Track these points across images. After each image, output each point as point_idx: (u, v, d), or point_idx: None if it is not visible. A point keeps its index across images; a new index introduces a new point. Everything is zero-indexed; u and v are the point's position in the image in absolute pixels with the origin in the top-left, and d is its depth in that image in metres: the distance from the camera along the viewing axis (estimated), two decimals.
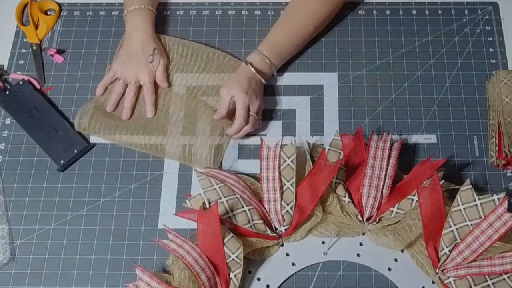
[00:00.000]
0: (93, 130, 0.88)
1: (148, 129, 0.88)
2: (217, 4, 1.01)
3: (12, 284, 0.80)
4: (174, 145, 0.86)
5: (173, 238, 0.76)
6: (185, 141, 0.86)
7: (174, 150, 0.86)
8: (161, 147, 0.86)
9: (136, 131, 0.87)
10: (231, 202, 0.79)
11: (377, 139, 0.84)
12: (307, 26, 0.92)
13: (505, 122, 0.86)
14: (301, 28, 0.92)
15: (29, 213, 0.84)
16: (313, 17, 0.92)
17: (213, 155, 0.85)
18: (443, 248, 0.76)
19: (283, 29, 0.92)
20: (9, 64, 0.96)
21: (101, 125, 0.88)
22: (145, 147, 0.87)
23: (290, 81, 0.94)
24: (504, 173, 0.86)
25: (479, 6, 1.00)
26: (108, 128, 0.88)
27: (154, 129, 0.88)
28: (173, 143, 0.86)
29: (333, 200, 0.80)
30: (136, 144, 0.87)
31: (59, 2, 1.01)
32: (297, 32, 0.92)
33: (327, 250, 0.81)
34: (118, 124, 0.88)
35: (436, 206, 0.77)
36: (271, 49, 0.90)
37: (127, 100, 0.91)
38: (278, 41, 0.91)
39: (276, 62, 0.91)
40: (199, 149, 0.85)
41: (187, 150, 0.85)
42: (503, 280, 0.75)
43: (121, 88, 0.91)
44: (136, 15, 0.93)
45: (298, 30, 0.92)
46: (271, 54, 0.90)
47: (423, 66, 0.95)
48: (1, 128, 0.91)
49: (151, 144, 0.86)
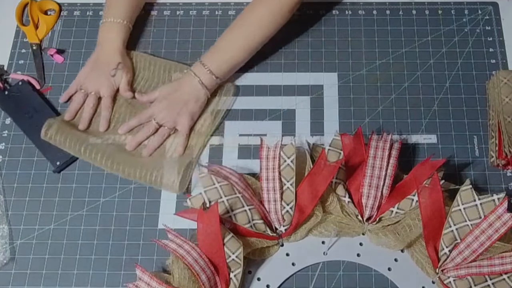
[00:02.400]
0: (59, 140, 0.86)
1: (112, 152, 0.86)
2: (217, 4, 1.01)
3: (12, 284, 0.80)
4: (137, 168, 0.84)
5: (173, 238, 0.76)
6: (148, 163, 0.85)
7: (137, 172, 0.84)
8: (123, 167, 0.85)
9: (97, 150, 0.85)
10: (232, 201, 0.79)
11: (377, 139, 0.84)
12: (255, 37, 0.89)
13: (505, 122, 0.86)
14: (249, 39, 0.89)
15: (29, 213, 0.84)
16: (262, 27, 0.89)
17: (181, 178, 0.84)
18: (443, 248, 0.76)
19: (230, 40, 0.89)
20: (9, 64, 0.96)
21: (66, 137, 0.85)
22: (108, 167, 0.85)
23: (290, 81, 0.94)
24: (504, 173, 0.86)
25: (479, 6, 1.00)
26: (73, 141, 0.85)
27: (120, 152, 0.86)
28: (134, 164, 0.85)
29: (333, 200, 0.80)
30: (97, 162, 0.85)
31: (59, 2, 1.01)
32: (245, 42, 0.89)
33: (327, 250, 0.81)
34: (83, 139, 0.86)
35: (436, 206, 0.77)
36: (216, 61, 0.88)
37: (85, 111, 0.90)
38: (224, 53, 0.88)
39: (220, 75, 0.88)
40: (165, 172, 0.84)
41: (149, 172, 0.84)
42: (503, 280, 0.75)
43: (81, 98, 0.90)
44: (111, 28, 0.92)
45: (246, 40, 0.89)
46: (215, 67, 0.87)
47: (423, 66, 0.95)
48: (1, 128, 0.91)
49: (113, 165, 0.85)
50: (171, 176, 0.83)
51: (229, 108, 0.91)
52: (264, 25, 0.89)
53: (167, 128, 0.87)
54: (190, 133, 0.88)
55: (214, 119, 0.90)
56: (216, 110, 0.90)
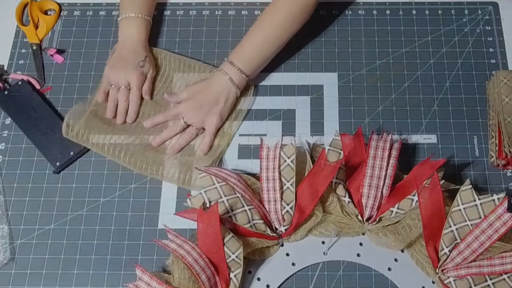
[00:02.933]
0: (81, 138, 0.86)
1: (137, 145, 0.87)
2: (217, 4, 1.01)
3: (12, 284, 0.80)
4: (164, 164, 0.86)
5: (173, 238, 0.76)
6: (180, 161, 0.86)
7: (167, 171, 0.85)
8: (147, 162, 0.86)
9: (121, 148, 0.86)
10: (232, 201, 0.79)
11: (377, 139, 0.84)
12: (281, 35, 0.90)
13: (505, 122, 0.86)
14: (276, 37, 0.90)
15: (29, 213, 0.84)
16: (290, 24, 0.90)
17: (182, 173, 0.85)
18: (443, 248, 0.76)
19: (256, 38, 0.89)
20: (9, 64, 0.96)
21: (89, 134, 0.86)
22: (131, 164, 0.86)
23: (290, 81, 0.94)
24: (504, 173, 0.86)
25: (479, 6, 1.00)
26: (98, 138, 0.86)
27: None
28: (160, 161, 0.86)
29: (333, 200, 0.80)
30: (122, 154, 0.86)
31: (59, 2, 1.01)
32: (272, 41, 0.89)
33: (327, 250, 0.81)
34: (108, 136, 0.87)
35: (436, 206, 0.77)
36: (244, 60, 0.88)
37: (120, 105, 0.90)
38: (251, 51, 0.89)
39: (250, 73, 0.89)
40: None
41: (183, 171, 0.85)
42: (503, 280, 0.75)
43: (114, 94, 0.90)
44: (131, 23, 0.92)
45: (273, 38, 0.89)
46: (244, 66, 0.88)
47: (423, 66, 0.95)
48: (1, 128, 0.91)
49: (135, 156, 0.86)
50: (195, 176, 0.84)
51: (249, 108, 0.92)
52: (286, 27, 0.90)
53: (195, 128, 0.88)
54: (217, 133, 0.89)
55: (236, 119, 0.90)
56: (238, 110, 0.91)
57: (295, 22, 0.90)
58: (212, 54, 0.96)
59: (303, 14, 0.90)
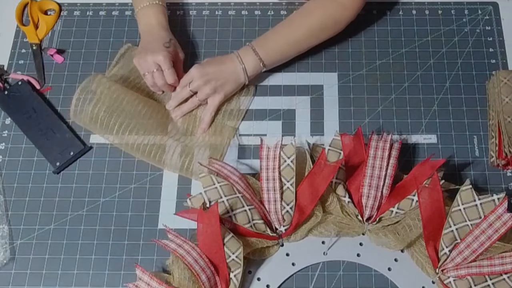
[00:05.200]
0: (95, 118, 0.86)
1: (148, 129, 0.87)
2: (217, 4, 1.01)
3: (12, 284, 0.80)
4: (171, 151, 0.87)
5: (173, 238, 0.76)
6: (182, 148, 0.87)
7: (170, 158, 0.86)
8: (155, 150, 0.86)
9: (137, 129, 0.87)
10: (232, 201, 0.79)
11: (377, 139, 0.84)
12: (309, 40, 0.90)
13: (505, 122, 0.86)
14: (302, 41, 0.90)
15: (29, 213, 0.84)
16: (321, 32, 0.90)
17: (187, 162, 0.86)
18: (443, 248, 0.76)
19: (283, 36, 0.90)
20: (9, 64, 0.96)
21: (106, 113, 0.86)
22: (137, 148, 0.86)
23: (290, 81, 0.94)
24: (504, 173, 0.86)
25: (479, 6, 1.00)
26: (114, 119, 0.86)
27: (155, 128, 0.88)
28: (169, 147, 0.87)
29: (333, 200, 0.80)
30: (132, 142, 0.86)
31: (59, 2, 1.01)
32: (297, 43, 0.90)
33: (327, 250, 0.81)
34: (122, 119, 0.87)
35: (436, 206, 0.77)
36: (267, 49, 0.88)
37: (163, 89, 0.91)
38: (275, 42, 0.89)
39: (267, 63, 0.89)
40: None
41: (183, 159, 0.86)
42: (503, 280, 0.75)
43: (151, 79, 0.89)
44: (149, 12, 0.92)
45: (298, 41, 0.90)
46: (265, 55, 0.88)
47: (423, 66, 0.95)
48: (1, 128, 0.91)
49: (145, 144, 0.86)
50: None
51: (248, 108, 0.92)
52: (315, 33, 0.90)
53: (197, 99, 0.89)
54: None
55: (237, 119, 0.91)
56: (238, 110, 0.91)
57: (325, 32, 0.91)
58: (212, 54, 0.96)
59: (335, 24, 0.91)
